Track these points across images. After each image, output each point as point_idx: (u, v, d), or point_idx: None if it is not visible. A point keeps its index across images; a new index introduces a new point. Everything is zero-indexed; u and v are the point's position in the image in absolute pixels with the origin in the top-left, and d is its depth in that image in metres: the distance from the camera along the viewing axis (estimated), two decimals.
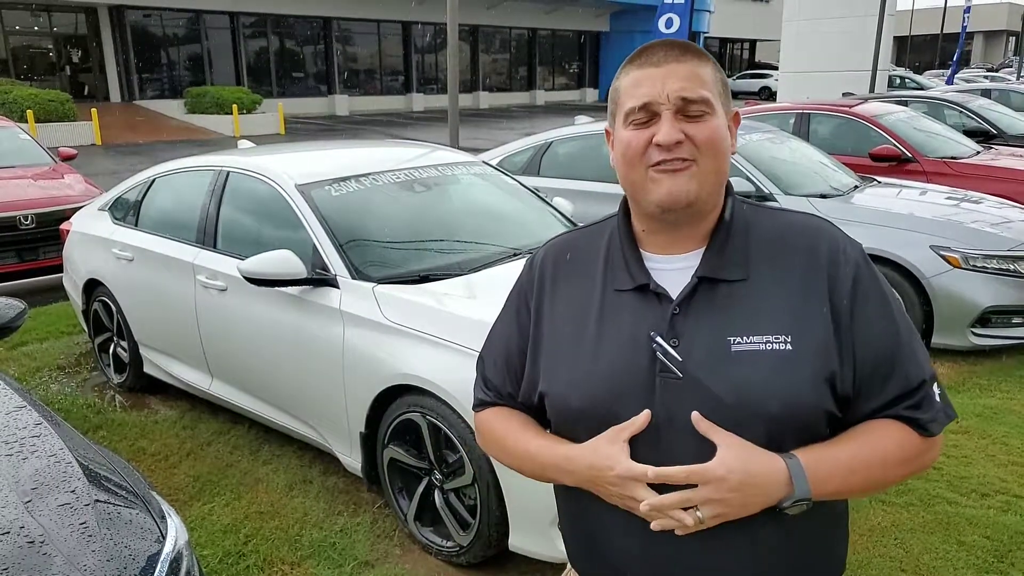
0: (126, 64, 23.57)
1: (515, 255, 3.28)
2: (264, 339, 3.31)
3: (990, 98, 10.82)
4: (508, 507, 2.52)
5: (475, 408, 1.32)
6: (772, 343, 1.04)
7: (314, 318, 3.06)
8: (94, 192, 6.75)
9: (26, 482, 1.59)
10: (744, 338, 1.05)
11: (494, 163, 5.43)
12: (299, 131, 20.83)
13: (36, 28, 23.18)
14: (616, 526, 1.13)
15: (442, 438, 2.68)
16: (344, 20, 27.97)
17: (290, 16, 26.51)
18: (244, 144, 4.57)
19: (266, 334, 3.29)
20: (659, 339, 1.07)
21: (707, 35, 35.19)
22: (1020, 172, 6.46)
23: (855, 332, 1.06)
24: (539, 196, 4.06)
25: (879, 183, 5.80)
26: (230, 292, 3.46)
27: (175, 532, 1.61)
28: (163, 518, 1.64)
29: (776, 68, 24.95)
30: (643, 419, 1.05)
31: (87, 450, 1.80)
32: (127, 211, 4.43)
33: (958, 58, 23.92)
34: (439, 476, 2.76)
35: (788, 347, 1.04)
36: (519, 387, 1.23)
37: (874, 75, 14.57)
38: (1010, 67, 36.23)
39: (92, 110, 18.16)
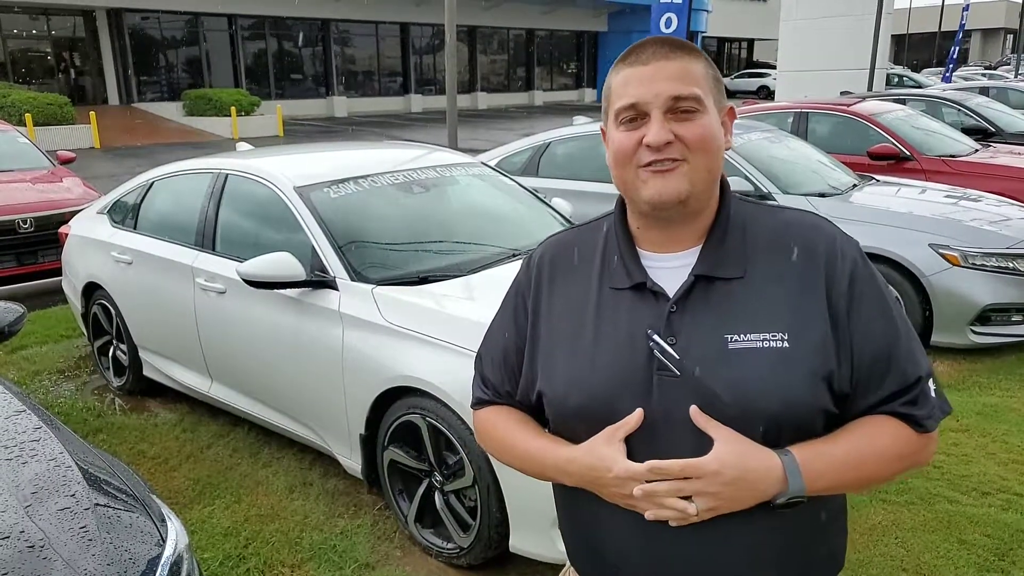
0: (124, 67, 23.58)
1: (514, 256, 3.28)
2: (263, 341, 3.31)
3: (988, 96, 10.82)
4: (508, 508, 2.52)
5: (474, 406, 1.32)
6: (769, 341, 1.05)
7: (313, 320, 3.06)
8: (93, 195, 6.74)
9: (26, 486, 1.59)
10: (741, 336, 1.05)
11: (492, 164, 5.43)
12: (298, 133, 20.83)
13: (34, 31, 23.19)
14: (615, 525, 1.13)
15: (442, 440, 2.68)
16: (342, 22, 27.99)
17: (288, 18, 26.51)
18: (243, 146, 4.57)
19: (265, 336, 3.29)
20: (656, 337, 1.07)
21: (705, 34, 35.21)
22: (1018, 170, 6.46)
23: (852, 330, 1.06)
24: (538, 197, 4.06)
25: (878, 182, 5.81)
26: (229, 294, 3.45)
27: (175, 535, 1.61)
28: (163, 521, 1.64)
29: (774, 67, 24.96)
30: (636, 417, 1.06)
31: (87, 454, 1.80)
32: (126, 214, 4.42)
33: (955, 56, 23.87)
34: (439, 478, 2.76)
35: (785, 345, 1.04)
36: (517, 385, 1.24)
37: (872, 73, 14.57)
38: (1008, 65, 36.22)
39: (91, 113, 18.17)
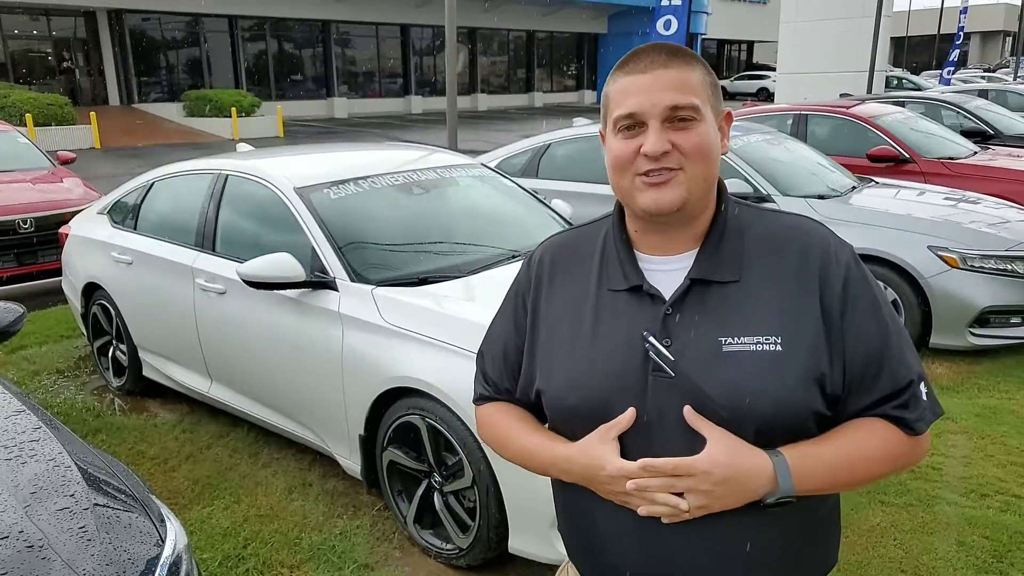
0: (125, 68, 23.61)
1: (514, 257, 3.28)
2: (263, 342, 3.31)
3: (987, 99, 10.83)
4: (508, 509, 2.52)
5: (475, 402, 1.35)
6: (763, 344, 1.06)
7: (313, 321, 3.06)
8: (93, 196, 6.75)
9: (25, 486, 1.59)
10: (735, 339, 1.07)
11: (492, 165, 5.43)
12: (298, 134, 20.84)
13: (35, 32, 23.21)
14: (613, 523, 1.15)
15: (441, 440, 2.69)
16: (342, 23, 28.01)
17: (288, 19, 26.54)
18: (243, 147, 4.57)
19: (265, 337, 3.29)
20: (652, 339, 1.09)
21: (705, 36, 35.22)
22: (1017, 172, 6.47)
23: (845, 333, 1.08)
24: (537, 198, 4.06)
25: (877, 184, 5.81)
26: (229, 295, 3.46)
27: (174, 536, 1.61)
28: (162, 522, 1.64)
29: (774, 69, 25.01)
30: (628, 416, 1.08)
31: (86, 454, 1.80)
32: (126, 214, 4.43)
33: (954, 58, 23.87)
34: (438, 478, 2.76)
35: (778, 348, 1.06)
36: (517, 383, 1.26)
37: (871, 76, 14.60)
38: (1007, 67, 36.25)
39: (91, 114, 18.19)
